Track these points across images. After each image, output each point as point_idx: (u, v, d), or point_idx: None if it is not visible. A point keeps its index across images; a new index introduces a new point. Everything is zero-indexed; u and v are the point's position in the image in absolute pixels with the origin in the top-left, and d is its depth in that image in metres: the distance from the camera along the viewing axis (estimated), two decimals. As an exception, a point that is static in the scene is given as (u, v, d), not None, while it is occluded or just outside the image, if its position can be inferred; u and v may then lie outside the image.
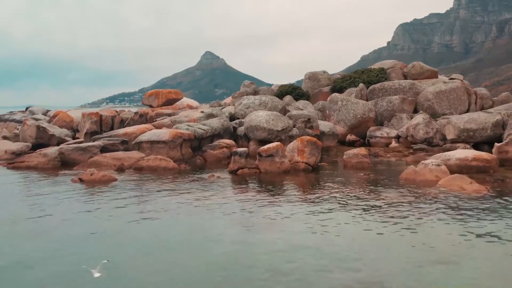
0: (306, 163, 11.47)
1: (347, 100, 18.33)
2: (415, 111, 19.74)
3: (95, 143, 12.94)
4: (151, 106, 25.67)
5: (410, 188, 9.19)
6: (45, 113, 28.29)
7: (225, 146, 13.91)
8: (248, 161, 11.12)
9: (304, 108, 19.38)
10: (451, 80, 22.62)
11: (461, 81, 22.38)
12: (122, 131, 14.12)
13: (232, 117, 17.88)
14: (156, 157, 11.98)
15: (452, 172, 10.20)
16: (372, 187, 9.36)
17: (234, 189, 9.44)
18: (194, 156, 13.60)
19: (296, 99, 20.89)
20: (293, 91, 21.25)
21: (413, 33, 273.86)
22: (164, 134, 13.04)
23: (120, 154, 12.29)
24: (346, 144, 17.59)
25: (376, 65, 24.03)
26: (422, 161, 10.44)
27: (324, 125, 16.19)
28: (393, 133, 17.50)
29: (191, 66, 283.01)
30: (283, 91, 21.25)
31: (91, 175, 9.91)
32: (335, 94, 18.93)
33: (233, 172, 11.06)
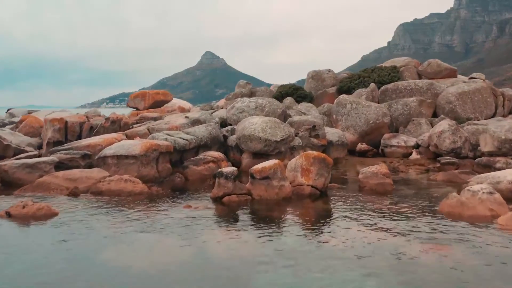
0: (312, 186, 8.78)
1: (358, 103, 15.62)
2: (434, 115, 17.05)
3: (48, 158, 10.24)
4: (137, 109, 22.99)
5: (459, 228, 6.49)
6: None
7: (212, 161, 11.22)
8: (237, 185, 8.42)
9: (307, 112, 16.68)
10: (472, 80, 19.92)
11: (483, 80, 19.68)
12: (85, 142, 11.40)
13: (224, 123, 15.20)
14: (120, 177, 9.28)
15: (506, 199, 7.55)
16: (406, 227, 6.64)
17: (214, 230, 6.73)
18: (173, 174, 10.93)
19: (298, 102, 18.18)
20: (295, 92, 18.55)
21: (413, 33, 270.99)
22: (134, 146, 10.35)
23: (76, 173, 9.59)
24: (356, 154, 14.91)
25: (387, 63, 21.32)
26: (468, 188, 7.72)
27: (332, 133, 13.49)
28: (412, 141, 14.80)
29: (191, 66, 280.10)
30: (283, 92, 18.56)
31: (23, 207, 7.23)
32: (343, 96, 16.21)
33: (217, 200, 8.38)
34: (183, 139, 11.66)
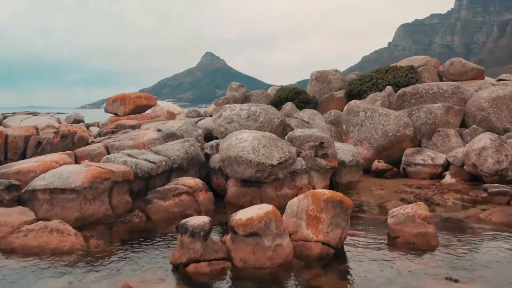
0: (324, 243, 5.83)
1: (373, 111, 12.64)
2: (462, 124, 14.13)
3: (-47, 192, 7.29)
4: (116, 115, 20.05)
5: None
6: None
7: (186, 192, 8.25)
8: (210, 246, 5.46)
9: (311, 121, 13.74)
10: (502, 82, 16.97)
11: (515, 82, 16.73)
12: (16, 166, 8.44)
13: (209, 135, 12.27)
14: (45, 225, 6.34)
15: None
16: None
17: None
18: (134, 210, 8.01)
19: (300, 108, 15.25)
20: (296, 97, 15.61)
21: (414, 33, 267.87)
22: (76, 175, 7.40)
23: (-14, 216, 6.63)
24: (372, 174, 11.97)
25: (402, 62, 18.36)
26: None
27: (344, 151, 10.49)
28: (441, 158, 11.87)
29: (191, 66, 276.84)
30: (283, 97, 15.62)
31: None
32: (355, 102, 13.24)
33: (179, 269, 5.45)
34: (149, 161, 8.70)
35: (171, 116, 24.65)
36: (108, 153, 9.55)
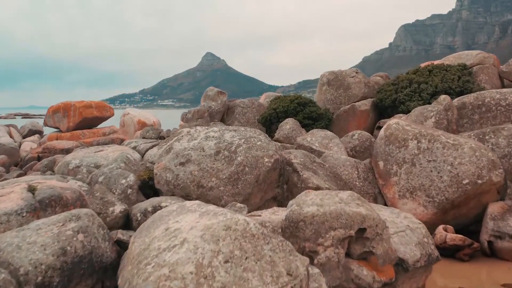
0: None
1: (433, 139, 7.31)
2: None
3: None
4: (59, 130, 14.77)
5: None
6: None
7: None
8: None
9: (324, 150, 8.51)
10: None
11: None
12: None
13: (148, 183, 6.99)
14: None
15: None
16: None
17: None
18: None
19: (306, 127, 9.96)
20: (300, 110, 10.26)
21: (415, 34, 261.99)
22: None
23: None
24: (439, 250, 6.65)
25: (447, 59, 13.01)
26: None
27: (400, 231, 5.19)
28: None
29: (192, 67, 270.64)
30: (280, 110, 10.26)
31: None
32: (399, 123, 7.89)
33: None
34: None
35: (143, 126, 19.35)
36: None
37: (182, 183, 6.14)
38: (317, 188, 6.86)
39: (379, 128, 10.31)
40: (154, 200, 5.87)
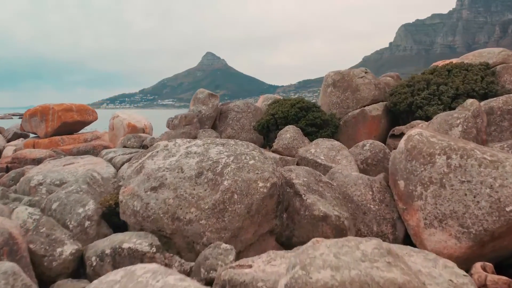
0: None
1: (466, 154, 5.93)
2: None
3: None
4: (37, 136, 13.40)
5: None
6: None
7: None
8: None
9: (332, 164, 7.15)
10: None
11: None
12: None
13: (116, 209, 5.57)
14: None
15: None
16: None
17: None
18: None
19: (310, 135, 8.57)
20: (303, 116, 8.83)
21: (415, 33, 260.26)
22: None
23: None
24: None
25: (466, 57, 11.62)
26: None
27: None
28: None
29: (192, 66, 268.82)
30: (280, 116, 8.83)
31: None
32: (422, 134, 6.51)
33: None
34: None
35: (134, 132, 17.99)
36: None
37: (153, 214, 4.77)
38: (325, 216, 5.51)
39: (393, 136, 8.94)
40: (115, 239, 4.50)
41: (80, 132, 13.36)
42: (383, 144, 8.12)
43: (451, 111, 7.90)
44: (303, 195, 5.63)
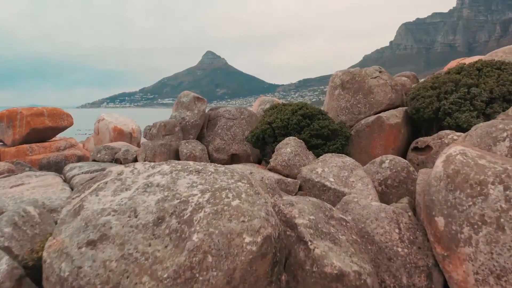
0: None
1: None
2: None
3: None
4: (4, 144, 11.77)
5: None
6: None
7: None
8: None
9: (345, 189, 5.52)
10: None
11: None
12: None
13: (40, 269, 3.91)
14: None
15: None
16: None
17: None
18: None
19: (315, 149, 6.95)
20: (306, 125, 7.19)
21: (416, 32, 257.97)
22: None
23: None
24: None
25: (496, 54, 9.98)
26: None
27: None
28: None
29: (192, 65, 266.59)
30: (278, 126, 7.17)
31: None
32: (466, 152, 4.94)
33: None
34: None
35: (120, 137, 16.39)
36: None
37: (87, 284, 3.16)
38: (340, 274, 3.90)
39: (417, 149, 7.32)
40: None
41: (53, 139, 11.75)
42: (406, 161, 6.51)
43: (493, 120, 6.27)
44: (309, 242, 4.02)
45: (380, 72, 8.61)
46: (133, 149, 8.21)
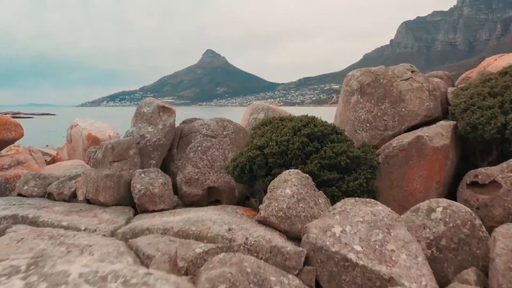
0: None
1: None
2: None
3: None
4: None
5: None
6: None
7: None
8: None
9: (380, 264, 3.12)
10: None
11: None
12: None
13: None
14: None
15: None
16: None
17: None
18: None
19: (327, 185, 4.65)
20: (316, 149, 4.92)
21: (416, 31, 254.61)
22: None
23: None
24: None
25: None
26: None
27: None
28: None
29: (192, 64, 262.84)
30: (274, 150, 4.89)
31: None
32: None
33: None
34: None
35: (94, 143, 13.95)
36: None
37: None
38: None
39: (475, 185, 4.97)
40: None
41: (10, 146, 9.42)
42: (468, 209, 4.19)
43: None
44: None
45: (412, 72, 6.26)
46: (77, 178, 5.87)
